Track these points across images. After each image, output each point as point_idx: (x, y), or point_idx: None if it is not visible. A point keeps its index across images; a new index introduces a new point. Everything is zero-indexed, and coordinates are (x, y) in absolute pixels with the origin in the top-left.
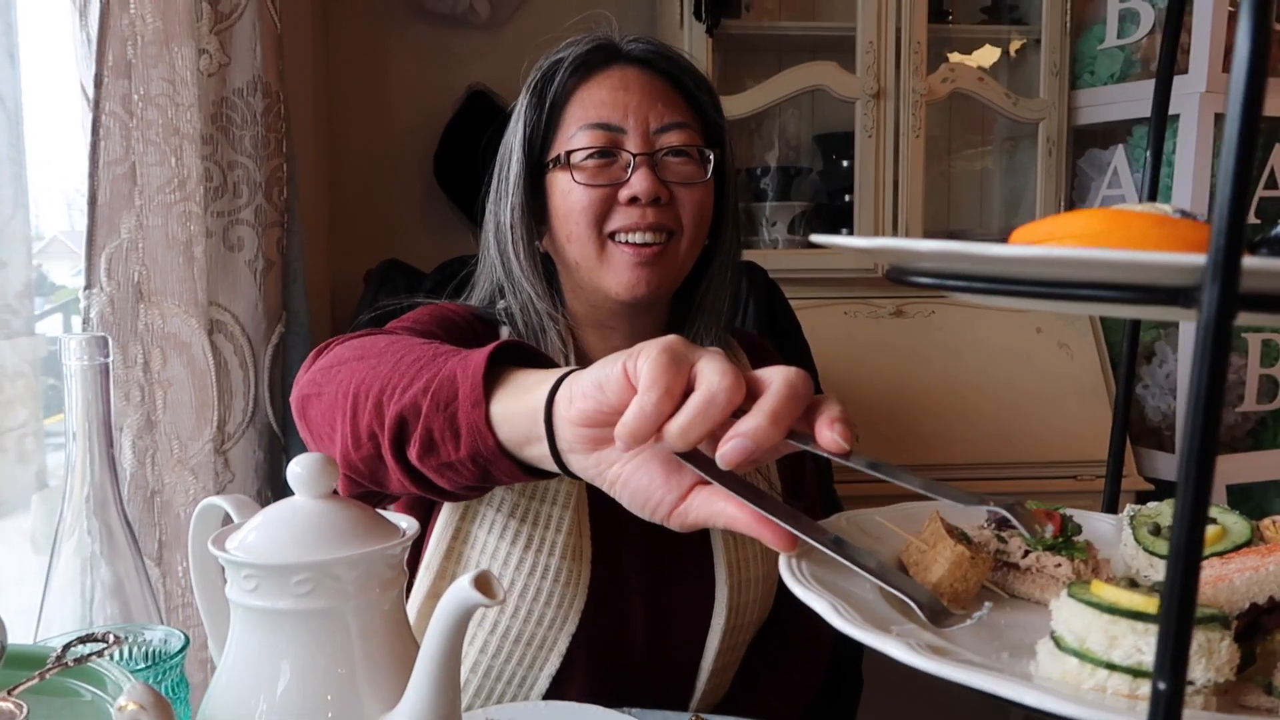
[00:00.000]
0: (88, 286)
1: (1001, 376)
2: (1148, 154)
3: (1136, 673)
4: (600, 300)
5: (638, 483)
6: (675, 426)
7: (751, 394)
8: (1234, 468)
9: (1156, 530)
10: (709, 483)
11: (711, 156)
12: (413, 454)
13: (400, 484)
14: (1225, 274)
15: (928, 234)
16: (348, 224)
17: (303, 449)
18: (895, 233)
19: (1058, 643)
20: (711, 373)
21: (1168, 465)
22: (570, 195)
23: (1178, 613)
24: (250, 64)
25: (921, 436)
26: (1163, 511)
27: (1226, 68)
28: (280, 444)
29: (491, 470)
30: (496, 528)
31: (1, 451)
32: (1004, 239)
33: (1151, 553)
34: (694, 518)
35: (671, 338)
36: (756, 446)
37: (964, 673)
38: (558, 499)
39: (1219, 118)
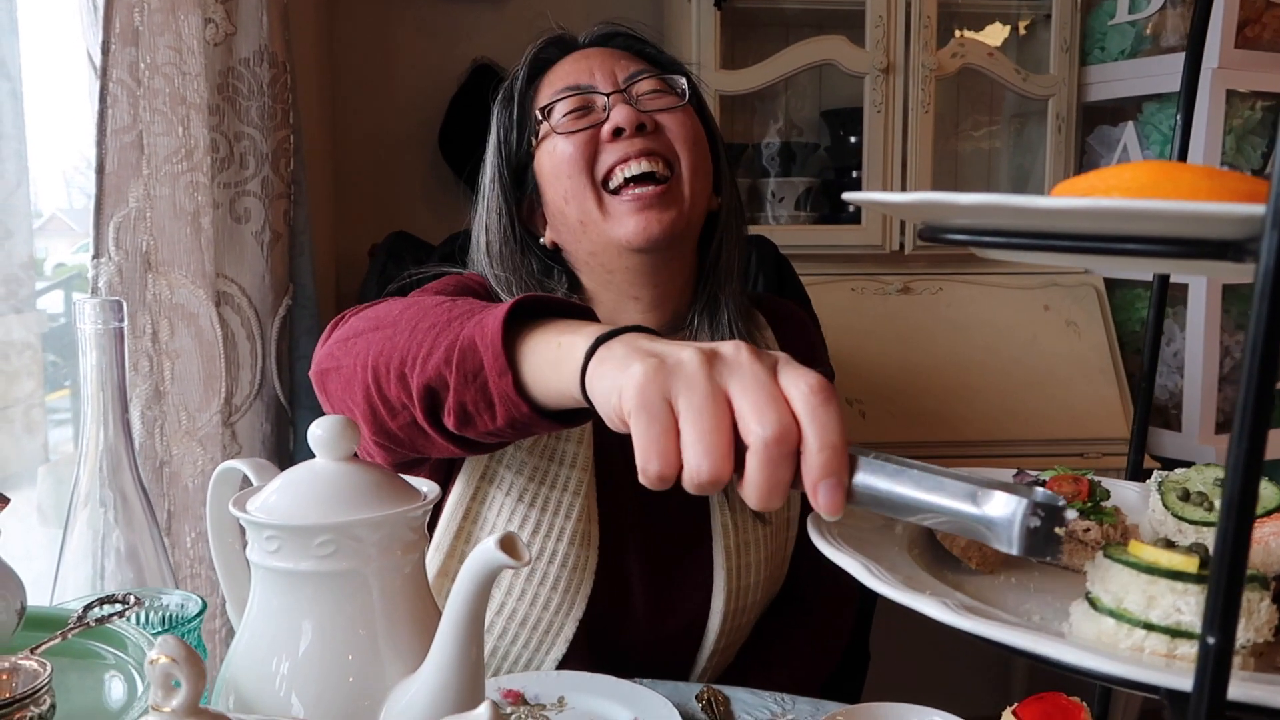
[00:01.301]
0: (96, 255)
1: (1009, 354)
2: (1177, 117)
3: (1175, 632)
4: (616, 263)
5: None
6: (752, 493)
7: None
8: None
9: (1185, 496)
10: None
11: (684, 83)
12: (450, 424)
13: (446, 450)
14: None
15: None
16: (353, 197)
17: (309, 421)
18: None
19: (1093, 603)
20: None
21: (1175, 444)
22: (556, 150)
23: (1229, 565)
24: (256, 34)
25: (928, 414)
26: (1190, 477)
27: (1239, 44)
28: (288, 416)
29: (532, 429)
30: (506, 510)
31: (8, 423)
32: None
33: (1180, 518)
34: None
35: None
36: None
37: (1002, 631)
38: (568, 485)
39: (1231, 94)
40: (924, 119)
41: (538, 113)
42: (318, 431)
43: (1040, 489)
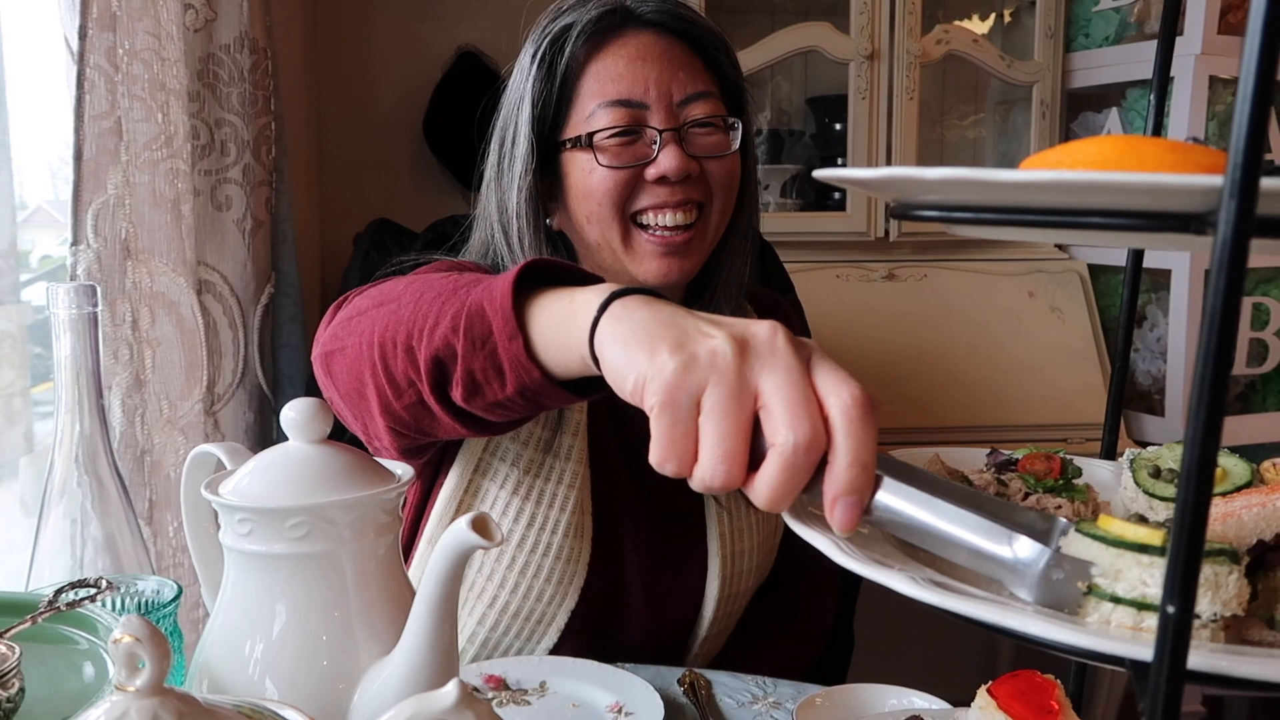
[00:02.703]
0: (74, 243)
1: (993, 340)
2: (1151, 97)
3: (1141, 605)
4: (624, 280)
5: None
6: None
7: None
8: (1224, 431)
9: (1157, 473)
10: None
11: (738, 125)
12: (457, 396)
13: (452, 428)
14: (1243, 192)
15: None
16: (336, 186)
17: None
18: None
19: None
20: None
21: (1158, 429)
22: (592, 176)
23: (1189, 534)
24: (237, 19)
25: (913, 400)
26: (1162, 455)
27: (1222, 29)
28: (270, 405)
29: (543, 401)
30: (500, 504)
31: None
32: None
33: (1152, 494)
34: None
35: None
36: (859, 504)
37: (969, 605)
38: (563, 477)
39: (1214, 80)
40: (909, 106)
41: (580, 118)
42: (290, 414)
43: (1062, 520)
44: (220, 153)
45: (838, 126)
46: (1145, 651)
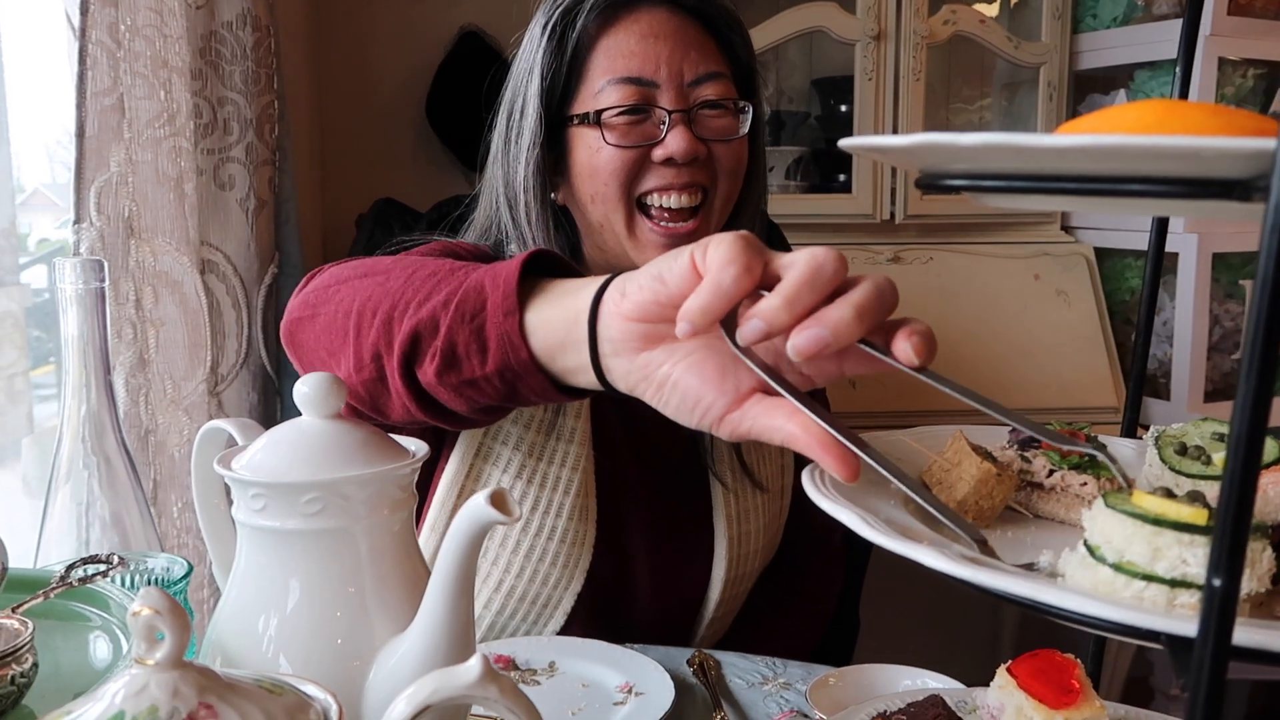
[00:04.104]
0: (77, 221)
1: (998, 323)
2: (1176, 70)
3: (1176, 583)
4: (626, 264)
5: (688, 385)
6: (694, 305)
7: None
8: (1228, 415)
9: (1183, 450)
10: (768, 393)
11: (749, 109)
12: (428, 371)
13: (404, 410)
14: None
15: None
16: (337, 166)
17: None
18: (894, 180)
19: (1092, 551)
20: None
21: (1164, 413)
22: (599, 154)
23: (1236, 506)
24: None
25: (917, 383)
26: (1188, 432)
27: (1232, 11)
28: (274, 386)
29: (519, 387)
30: (503, 487)
31: None
32: None
33: (1178, 471)
34: (748, 427)
35: (743, 232)
36: (822, 335)
37: (1001, 579)
38: (566, 460)
39: (1223, 61)
40: (915, 87)
41: (589, 94)
42: (304, 389)
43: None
44: (223, 131)
45: (843, 108)
46: (1185, 626)
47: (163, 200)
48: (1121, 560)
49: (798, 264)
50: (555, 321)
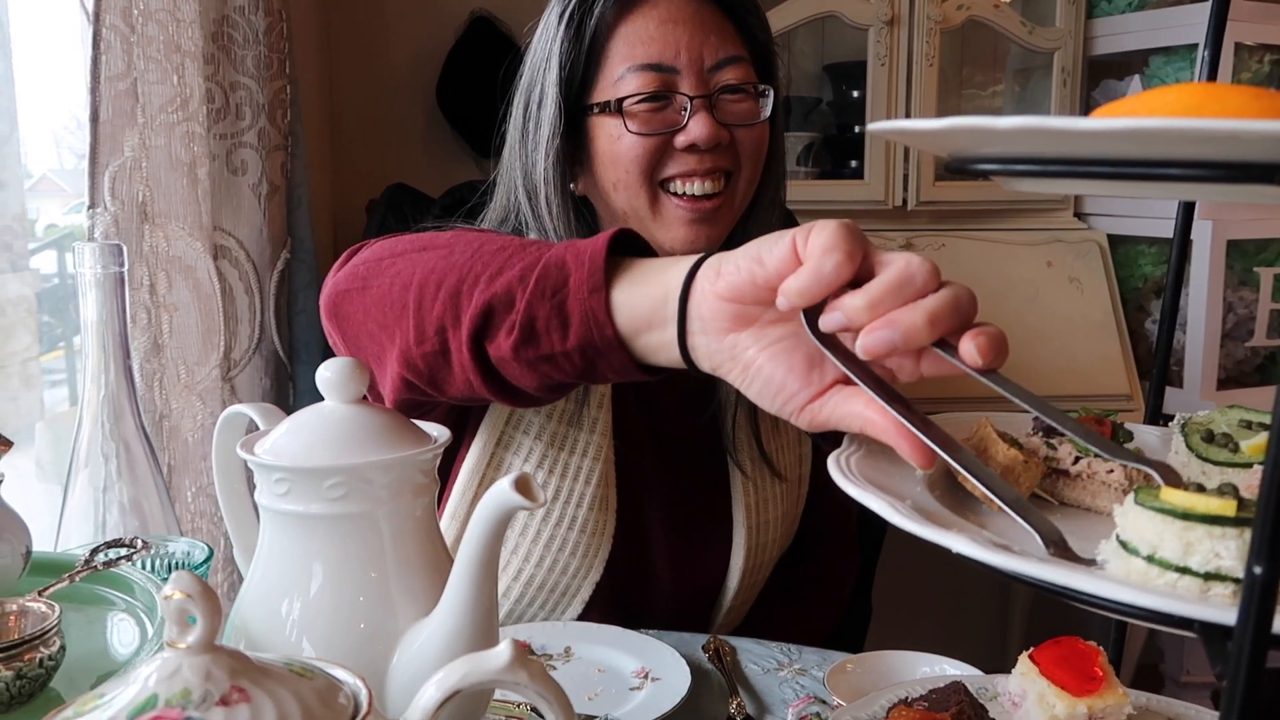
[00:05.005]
0: (91, 205)
1: (1011, 310)
2: (1205, 53)
3: (1210, 576)
4: None
5: (772, 372)
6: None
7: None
8: (1242, 402)
9: (1210, 437)
10: (848, 384)
11: (770, 92)
12: (503, 346)
13: (465, 384)
14: None
15: (939, 168)
16: (348, 153)
17: (308, 376)
18: (907, 165)
19: (1125, 546)
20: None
21: (1176, 400)
22: (620, 142)
23: (1278, 494)
24: None
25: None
26: (1215, 419)
27: None
28: (287, 371)
29: (599, 363)
30: None
31: (5, 379)
32: None
33: (1205, 459)
34: (827, 415)
35: (846, 221)
36: (892, 338)
37: (1036, 567)
38: (587, 450)
39: (1240, 46)
40: (928, 72)
41: (608, 82)
42: (326, 374)
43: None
44: (235, 116)
45: (855, 94)
46: (1222, 614)
47: (176, 185)
48: (1155, 555)
49: (892, 267)
50: (643, 299)
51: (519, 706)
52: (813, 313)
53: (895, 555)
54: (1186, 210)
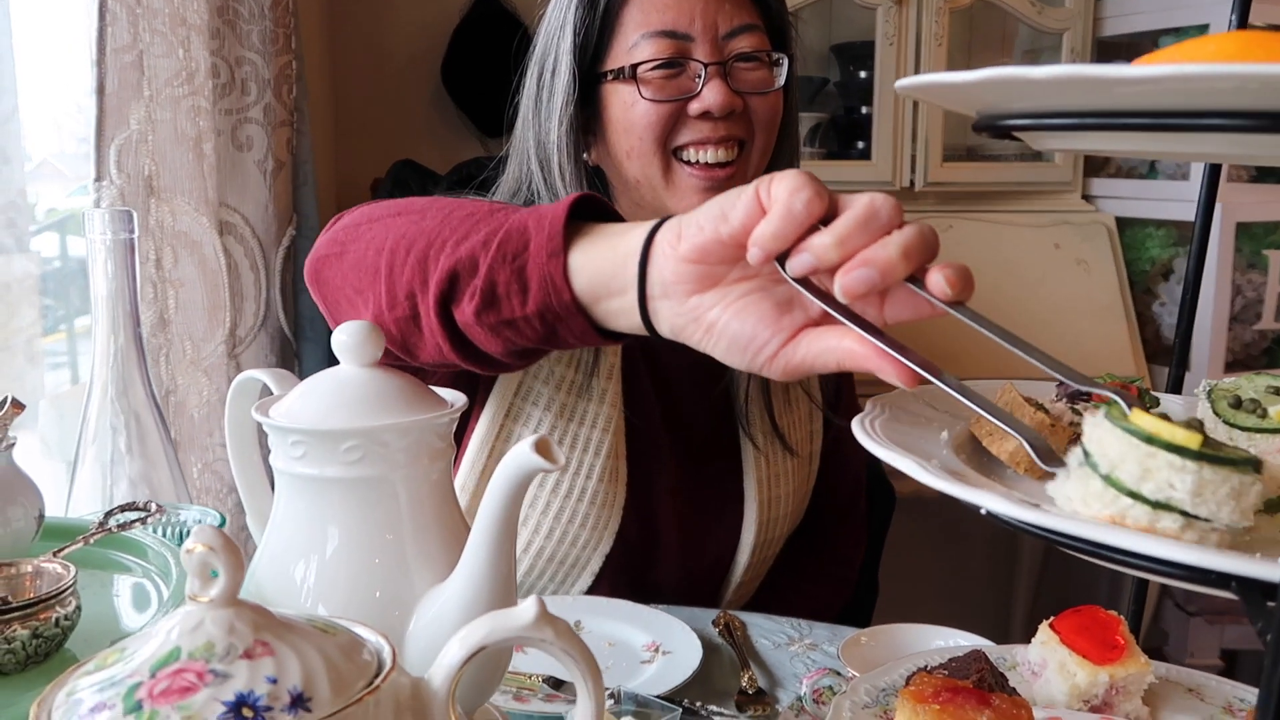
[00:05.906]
0: (98, 178)
1: (1018, 292)
2: (1232, 17)
3: (1159, 505)
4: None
5: (739, 327)
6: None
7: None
8: None
9: (1237, 403)
10: (816, 325)
11: (784, 60)
12: (466, 310)
13: (436, 349)
14: None
15: (947, 149)
16: (354, 128)
17: (314, 353)
18: (914, 146)
19: (1087, 456)
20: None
21: (1185, 382)
22: (634, 109)
23: None
24: None
25: (936, 351)
26: (1241, 385)
27: None
28: (292, 348)
29: (559, 328)
30: None
31: (9, 355)
32: (1025, 153)
33: (1232, 425)
34: (801, 357)
35: (802, 169)
36: (870, 275)
37: (1064, 523)
38: (596, 422)
39: (1252, 27)
40: (937, 52)
41: (622, 49)
42: (342, 337)
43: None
44: (241, 91)
45: (862, 74)
46: (1260, 569)
47: (182, 160)
48: (1112, 474)
49: (857, 204)
50: (602, 263)
51: (530, 678)
52: (785, 259)
53: (898, 534)
54: (1211, 176)
